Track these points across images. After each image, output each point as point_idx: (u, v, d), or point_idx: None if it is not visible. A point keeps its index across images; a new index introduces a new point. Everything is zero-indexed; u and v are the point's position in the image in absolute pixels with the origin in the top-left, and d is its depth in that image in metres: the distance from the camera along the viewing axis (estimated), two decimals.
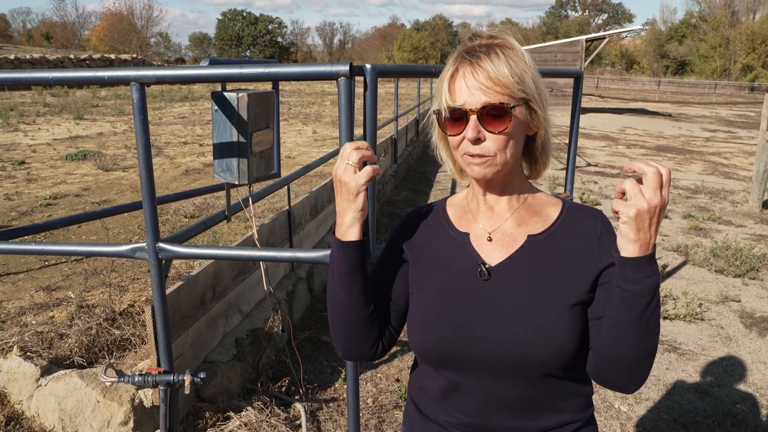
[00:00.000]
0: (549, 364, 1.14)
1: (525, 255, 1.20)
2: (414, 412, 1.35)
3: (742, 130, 21.47)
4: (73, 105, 19.74)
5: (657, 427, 3.34)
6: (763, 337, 4.53)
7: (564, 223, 1.22)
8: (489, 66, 1.10)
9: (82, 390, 2.78)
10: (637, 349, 1.08)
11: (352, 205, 1.16)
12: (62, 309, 4.04)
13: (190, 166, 10.18)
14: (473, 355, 1.17)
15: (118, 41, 67.46)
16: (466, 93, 1.12)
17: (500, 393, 1.19)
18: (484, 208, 1.26)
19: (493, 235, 1.23)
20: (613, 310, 1.08)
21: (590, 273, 1.16)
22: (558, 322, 1.14)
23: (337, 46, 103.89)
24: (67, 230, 6.09)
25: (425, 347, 1.22)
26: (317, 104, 24.61)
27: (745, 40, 60.72)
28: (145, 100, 2.05)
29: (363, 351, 1.30)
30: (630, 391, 1.16)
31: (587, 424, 1.27)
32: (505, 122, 1.11)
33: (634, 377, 1.13)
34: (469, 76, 1.11)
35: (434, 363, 1.24)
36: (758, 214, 8.54)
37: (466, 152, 1.15)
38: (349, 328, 1.26)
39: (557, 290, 1.16)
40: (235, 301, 3.57)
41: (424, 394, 1.31)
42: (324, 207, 5.64)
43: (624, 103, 33.85)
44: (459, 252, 1.24)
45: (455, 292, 1.21)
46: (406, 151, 11.87)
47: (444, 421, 1.27)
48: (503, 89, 1.10)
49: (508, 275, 1.19)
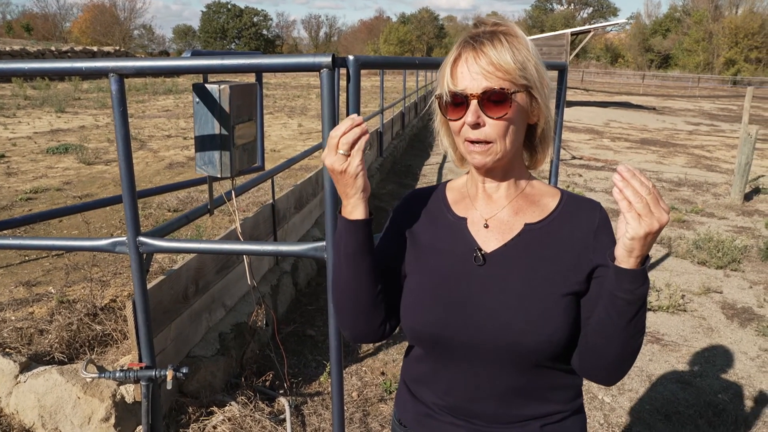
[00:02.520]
0: (540, 352, 1.15)
1: (521, 243, 1.21)
2: (405, 393, 1.37)
3: (725, 123, 21.69)
4: (54, 98, 19.45)
5: (640, 418, 3.37)
6: (744, 328, 4.58)
7: (562, 213, 1.23)
8: (492, 52, 1.10)
9: (62, 386, 2.74)
10: (622, 350, 1.10)
11: (352, 188, 1.15)
12: (42, 304, 3.98)
13: (174, 160, 10.08)
14: (464, 340, 1.18)
15: (100, 33, 66.58)
16: (467, 78, 1.12)
17: (489, 378, 1.20)
18: (483, 195, 1.26)
19: (490, 222, 1.24)
20: (603, 313, 1.09)
21: (585, 265, 1.16)
22: (551, 311, 1.14)
23: (323, 39, 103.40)
24: (48, 224, 6.01)
25: (417, 329, 1.23)
26: (303, 97, 24.48)
27: (728, 34, 61.29)
28: (124, 92, 2.01)
29: (371, 332, 1.29)
30: (610, 384, 1.20)
31: (575, 413, 1.27)
32: (506, 108, 1.11)
33: (616, 373, 1.16)
34: (472, 61, 1.12)
35: (425, 345, 1.25)
36: (740, 206, 8.64)
37: (466, 138, 1.15)
38: (358, 309, 1.26)
39: (551, 279, 1.16)
40: (218, 295, 3.54)
41: (414, 375, 1.32)
42: (309, 200, 5.61)
43: (609, 96, 34.04)
44: (455, 236, 1.25)
45: (450, 276, 1.22)
46: (392, 144, 11.85)
47: (432, 402, 1.28)
48: (505, 75, 1.10)
49: (503, 262, 1.20)
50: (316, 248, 2.01)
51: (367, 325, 1.28)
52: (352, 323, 1.29)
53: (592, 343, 1.13)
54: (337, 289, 1.26)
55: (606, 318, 1.08)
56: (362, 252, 1.20)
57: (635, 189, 0.95)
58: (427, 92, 21.62)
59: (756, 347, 4.27)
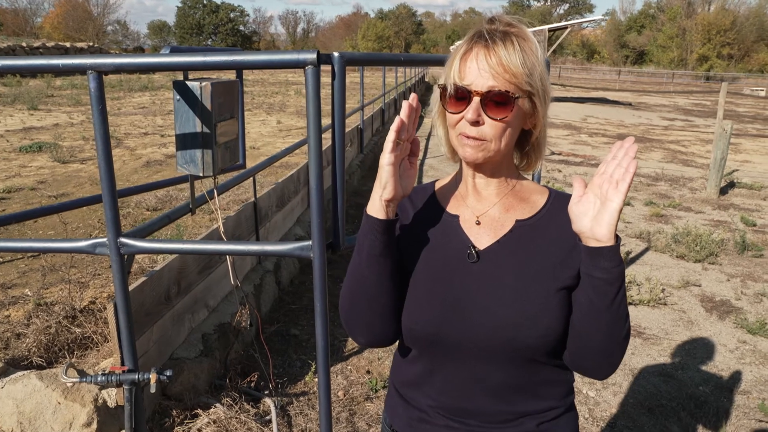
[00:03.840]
0: (535, 347, 1.16)
1: (513, 239, 1.21)
2: (396, 398, 1.35)
3: (699, 118, 22.05)
4: (26, 95, 19.01)
5: (624, 411, 3.40)
6: (723, 320, 4.66)
7: (550, 210, 1.24)
8: (503, 52, 1.10)
9: (41, 392, 2.67)
10: (608, 335, 1.11)
11: (377, 181, 1.14)
12: (18, 307, 3.89)
13: (152, 158, 9.93)
14: (460, 337, 1.18)
15: (73, 29, 65.28)
16: (475, 74, 1.11)
17: (484, 376, 1.20)
18: (473, 192, 1.26)
19: (481, 219, 1.24)
20: (584, 298, 1.11)
21: (576, 259, 1.16)
22: (545, 306, 1.15)
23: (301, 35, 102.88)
24: (23, 225, 5.86)
25: (413, 327, 1.22)
26: (281, 94, 24.30)
27: (701, 31, 62.33)
28: (103, 89, 1.95)
29: (386, 337, 1.27)
30: (602, 377, 1.20)
31: (567, 410, 1.28)
32: (507, 111, 1.12)
33: (605, 364, 1.17)
34: (482, 58, 1.11)
35: (420, 344, 1.24)
36: (716, 200, 8.78)
37: (462, 132, 1.15)
38: (377, 313, 1.22)
39: (544, 274, 1.17)
40: (201, 295, 3.48)
41: (406, 378, 1.31)
42: (290, 198, 5.56)
43: (586, 92, 34.37)
44: (448, 234, 1.25)
45: (444, 273, 1.21)
46: (372, 141, 11.83)
47: (426, 405, 1.27)
48: (511, 78, 1.10)
49: (497, 259, 1.20)
50: (302, 247, 1.98)
51: (385, 329, 1.25)
52: (368, 328, 1.25)
53: (578, 330, 1.14)
54: (356, 293, 1.22)
55: (588, 303, 1.10)
56: (387, 254, 1.18)
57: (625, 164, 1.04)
58: (407, 89, 21.61)
59: (734, 339, 4.34)
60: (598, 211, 1.05)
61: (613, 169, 1.05)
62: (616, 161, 1.05)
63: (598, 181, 1.06)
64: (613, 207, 1.03)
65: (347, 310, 1.25)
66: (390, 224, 1.16)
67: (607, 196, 1.04)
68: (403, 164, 1.17)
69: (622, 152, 1.05)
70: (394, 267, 1.20)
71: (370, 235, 1.16)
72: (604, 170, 1.06)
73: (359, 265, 1.19)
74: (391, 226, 1.16)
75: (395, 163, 1.12)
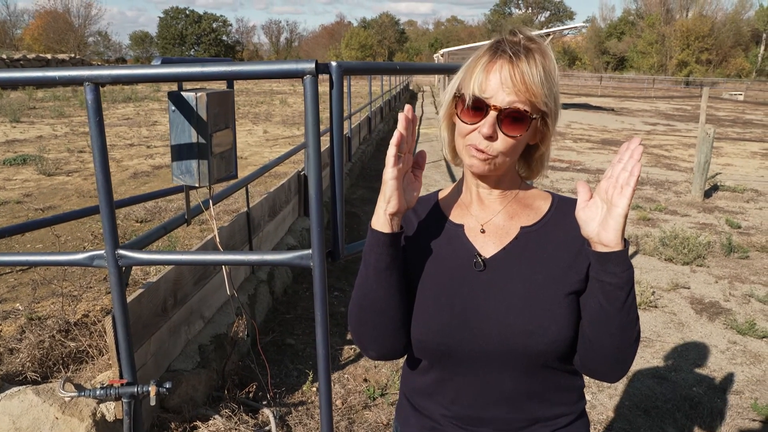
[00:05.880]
0: (547, 354, 1.16)
1: (519, 246, 1.21)
2: (408, 408, 1.34)
3: (680, 123, 22.34)
4: (7, 107, 18.78)
5: (620, 414, 3.42)
6: (713, 322, 4.71)
7: (555, 215, 1.24)
8: (527, 69, 1.09)
9: (38, 407, 2.64)
10: (620, 339, 1.11)
11: (381, 195, 1.13)
12: (10, 322, 3.84)
13: (138, 169, 9.86)
14: (471, 347, 1.17)
15: (54, 41, 64.66)
16: (496, 87, 1.10)
17: (497, 384, 1.20)
18: (477, 200, 1.26)
19: (486, 227, 1.24)
20: (595, 303, 1.10)
21: (583, 263, 1.17)
22: (555, 312, 1.15)
23: (284, 44, 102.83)
24: (10, 239, 5.79)
25: (423, 339, 1.21)
26: (266, 103, 24.26)
27: (679, 37, 63.21)
28: (100, 101, 1.95)
29: (397, 350, 1.26)
30: (613, 380, 1.20)
31: (579, 417, 1.28)
32: (522, 128, 1.12)
33: (617, 367, 1.16)
34: (506, 73, 1.10)
35: (431, 355, 1.23)
36: (701, 203, 8.90)
37: (472, 144, 1.14)
38: (389, 327, 1.21)
39: (552, 280, 1.17)
40: (197, 306, 3.46)
41: (417, 388, 1.30)
42: (282, 207, 5.55)
43: (568, 98, 34.67)
44: (453, 243, 1.24)
45: (451, 283, 1.21)
46: (360, 149, 11.84)
47: (439, 415, 1.26)
48: (531, 97, 1.10)
49: (504, 267, 1.20)
50: (302, 256, 1.98)
51: (396, 342, 1.24)
52: (379, 342, 1.24)
53: (589, 335, 1.14)
54: (366, 307, 1.21)
55: (598, 308, 1.09)
56: (394, 267, 1.17)
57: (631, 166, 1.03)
58: (392, 96, 21.68)
59: (725, 340, 4.39)
60: (604, 217, 1.04)
61: (619, 173, 1.04)
62: (622, 164, 1.04)
63: (604, 185, 1.05)
64: (619, 212, 1.02)
65: (357, 325, 1.24)
66: (396, 237, 1.15)
67: (613, 201, 1.03)
68: (408, 177, 1.17)
69: (628, 155, 1.03)
70: (402, 279, 1.20)
71: (376, 249, 1.15)
72: (610, 174, 1.05)
73: (367, 279, 1.18)
74: (397, 239, 1.16)
75: (398, 177, 1.11)
